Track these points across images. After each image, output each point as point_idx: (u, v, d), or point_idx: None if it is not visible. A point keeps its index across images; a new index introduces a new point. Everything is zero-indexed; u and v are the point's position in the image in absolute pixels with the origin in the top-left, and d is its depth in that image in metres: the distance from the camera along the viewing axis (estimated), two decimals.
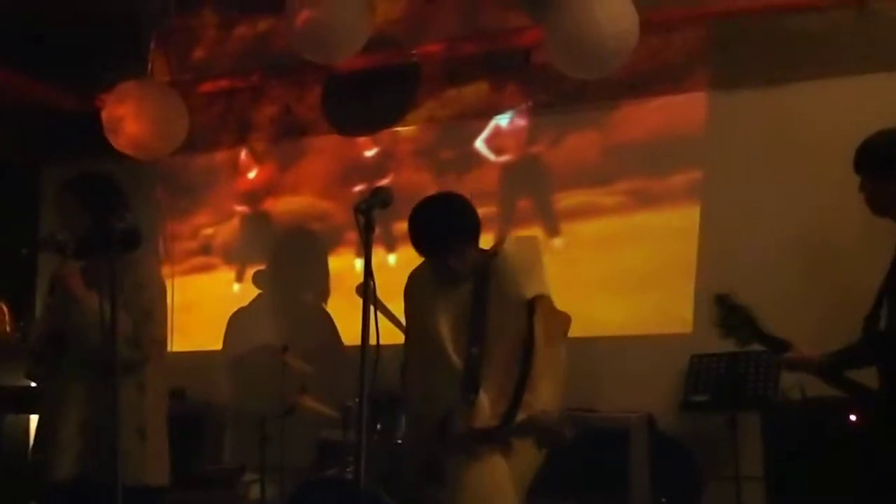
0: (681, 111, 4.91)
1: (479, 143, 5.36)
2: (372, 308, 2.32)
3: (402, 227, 5.14)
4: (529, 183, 5.26)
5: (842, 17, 4.42)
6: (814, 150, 2.79)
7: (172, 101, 5.31)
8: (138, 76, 5.41)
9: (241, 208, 5.93)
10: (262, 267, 5.77)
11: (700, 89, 4.85)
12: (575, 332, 4.82)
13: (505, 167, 5.32)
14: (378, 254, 5.15)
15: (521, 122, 5.28)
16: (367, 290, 2.22)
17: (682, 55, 4.86)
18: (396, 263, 5.17)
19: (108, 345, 2.48)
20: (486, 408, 2.83)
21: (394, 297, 3.23)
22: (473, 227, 2.98)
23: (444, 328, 2.91)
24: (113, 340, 2.44)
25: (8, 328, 4.39)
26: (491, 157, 5.34)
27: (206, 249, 5.98)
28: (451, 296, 2.95)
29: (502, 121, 5.31)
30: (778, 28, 4.59)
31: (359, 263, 5.50)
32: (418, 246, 2.96)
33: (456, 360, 2.87)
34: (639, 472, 4.11)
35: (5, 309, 4.63)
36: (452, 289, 2.95)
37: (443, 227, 2.94)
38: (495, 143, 5.34)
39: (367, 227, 2.29)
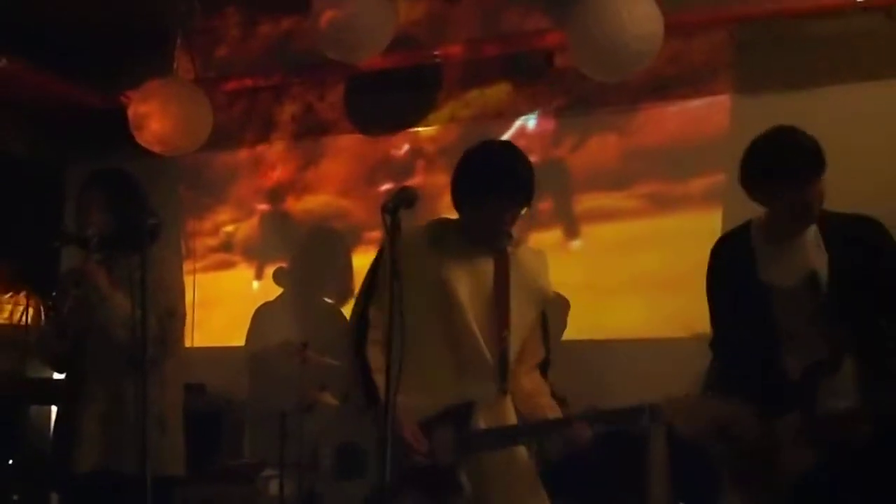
0: (703, 115, 4.90)
1: None
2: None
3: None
4: (550, 185, 5.26)
5: (869, 22, 4.40)
6: (838, 155, 2.77)
7: (197, 98, 5.34)
8: (164, 74, 5.46)
9: (261, 206, 5.97)
10: (282, 265, 5.81)
11: (723, 93, 4.84)
12: (594, 334, 4.89)
13: None
14: None
15: (543, 124, 5.29)
16: (392, 289, 2.22)
17: (705, 58, 4.86)
18: None
19: (135, 342, 2.51)
20: (510, 404, 2.51)
21: None
22: None
23: (466, 303, 2.49)
24: (143, 338, 2.47)
25: (41, 322, 4.45)
26: None
27: (226, 246, 6.03)
28: (470, 268, 2.55)
29: (527, 123, 5.31)
30: (803, 32, 4.58)
31: None
32: (500, 189, 2.53)
33: (482, 343, 2.47)
34: (657, 475, 4.11)
35: (41, 304, 4.69)
36: (473, 259, 2.56)
37: (531, 175, 2.60)
38: (517, 145, 5.35)
39: (394, 226, 2.28)
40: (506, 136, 5.35)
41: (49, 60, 5.40)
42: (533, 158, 5.17)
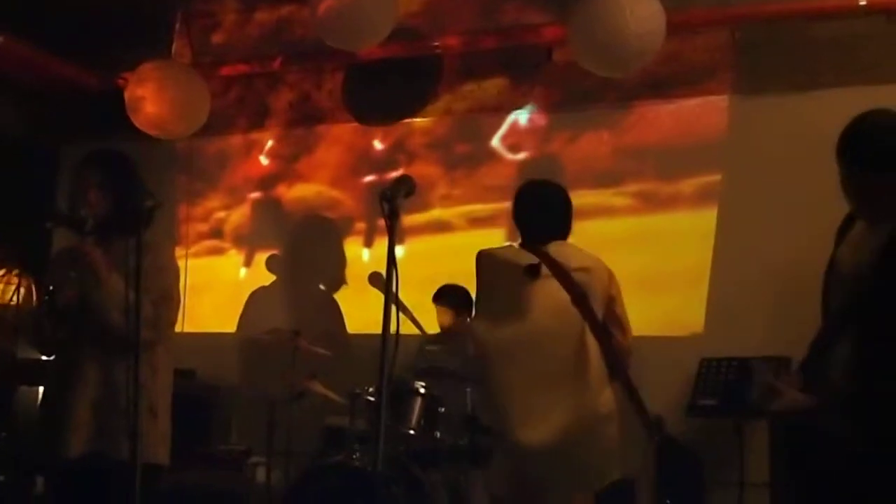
0: (702, 114, 4.90)
1: (496, 140, 5.37)
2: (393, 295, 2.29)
3: (412, 218, 5.25)
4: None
5: (870, 26, 4.41)
6: (835, 159, 2.77)
7: (194, 82, 5.31)
8: (161, 57, 5.42)
9: (253, 193, 5.94)
10: (273, 252, 5.79)
11: (722, 93, 4.84)
12: None
13: (518, 164, 5.32)
14: (382, 244, 5.19)
15: (539, 119, 5.28)
16: (389, 277, 2.22)
17: (705, 58, 4.86)
18: (405, 255, 5.18)
19: (129, 325, 2.48)
20: None
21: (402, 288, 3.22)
22: None
23: None
24: (136, 321, 2.44)
25: (34, 302, 4.41)
26: (506, 154, 5.34)
27: (217, 233, 6.01)
28: None
29: (520, 117, 5.30)
30: (804, 34, 4.59)
31: (366, 253, 5.53)
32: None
33: None
34: (644, 473, 4.12)
35: (33, 284, 4.66)
36: None
37: None
38: (510, 139, 5.35)
39: (392, 214, 2.27)
40: (501, 131, 5.36)
41: (47, 40, 5.35)
42: (526, 153, 5.31)
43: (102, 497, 2.80)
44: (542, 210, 3.23)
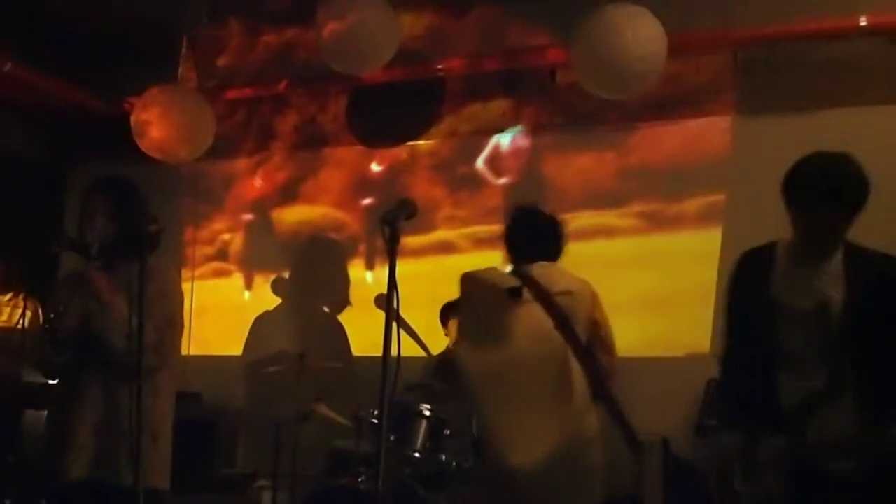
0: (705, 134, 4.92)
1: (496, 162, 5.39)
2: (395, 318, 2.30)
3: (412, 239, 5.25)
4: (546, 202, 5.27)
5: (871, 47, 4.42)
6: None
7: (200, 106, 5.35)
8: (168, 81, 5.47)
9: (258, 215, 5.96)
10: (276, 274, 5.80)
11: (725, 113, 4.86)
12: None
13: (519, 186, 5.33)
14: (383, 266, 5.21)
15: (541, 140, 5.30)
16: (390, 301, 2.23)
17: (707, 79, 4.88)
18: (409, 276, 5.17)
19: (132, 350, 2.50)
20: None
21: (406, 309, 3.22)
22: None
23: None
24: (139, 346, 2.45)
25: (39, 325, 4.42)
26: (507, 176, 5.36)
27: (222, 255, 6.03)
28: None
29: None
30: (806, 56, 4.60)
31: (370, 275, 5.54)
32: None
33: None
34: (652, 496, 4.10)
35: (39, 308, 4.68)
36: None
37: None
38: (510, 161, 5.36)
39: (393, 237, 2.29)
40: (497, 152, 5.38)
41: (54, 65, 5.41)
42: (530, 175, 5.32)
43: None
44: (528, 231, 3.23)
